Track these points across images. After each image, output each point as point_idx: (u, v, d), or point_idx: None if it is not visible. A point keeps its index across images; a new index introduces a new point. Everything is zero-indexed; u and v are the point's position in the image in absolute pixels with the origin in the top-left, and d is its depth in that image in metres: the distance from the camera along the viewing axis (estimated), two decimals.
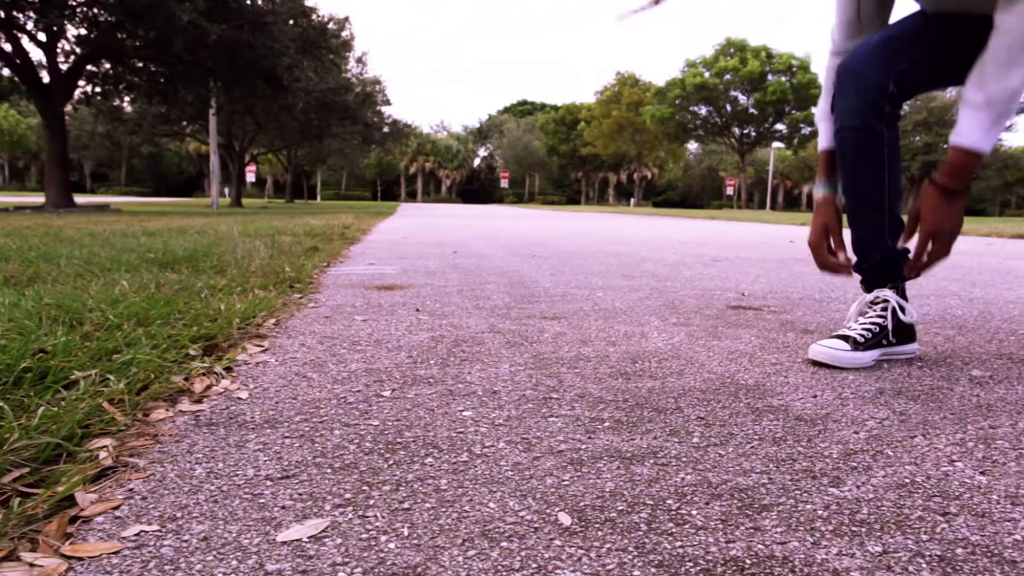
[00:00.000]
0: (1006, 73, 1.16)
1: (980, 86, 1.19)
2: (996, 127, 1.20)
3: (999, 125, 1.20)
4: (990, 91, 1.18)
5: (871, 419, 1.03)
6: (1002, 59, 1.16)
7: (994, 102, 1.18)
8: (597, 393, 1.15)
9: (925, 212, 1.28)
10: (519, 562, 0.61)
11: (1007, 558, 0.62)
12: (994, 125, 1.20)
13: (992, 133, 1.20)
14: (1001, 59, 1.16)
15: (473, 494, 0.75)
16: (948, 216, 1.27)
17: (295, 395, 1.13)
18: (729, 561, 0.61)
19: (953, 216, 1.27)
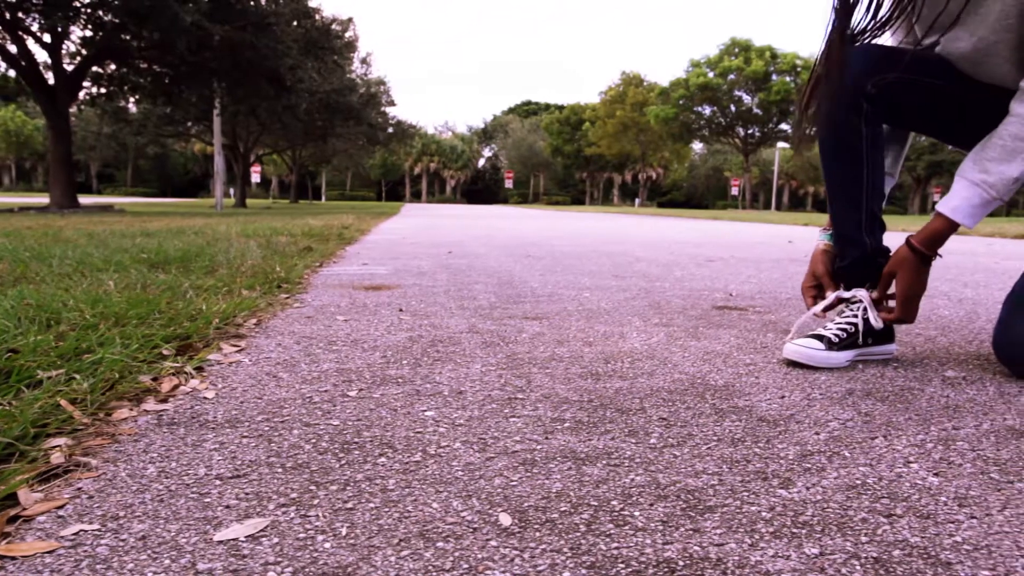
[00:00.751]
0: (1009, 160, 1.18)
1: (981, 166, 1.22)
2: (986, 207, 1.23)
3: (989, 206, 1.23)
4: (989, 173, 1.21)
5: (834, 420, 1.02)
6: (1008, 146, 1.18)
7: (991, 185, 1.21)
8: (563, 393, 1.15)
9: (904, 276, 1.33)
10: (451, 563, 0.61)
11: (942, 560, 0.62)
12: (985, 205, 1.23)
13: (980, 212, 1.24)
14: (1007, 146, 1.18)
15: (419, 494, 0.75)
16: (920, 283, 1.32)
17: (261, 395, 1.13)
18: (661, 563, 0.61)
19: (925, 281, 1.33)
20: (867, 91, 1.29)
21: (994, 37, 1.21)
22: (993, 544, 0.65)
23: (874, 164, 1.35)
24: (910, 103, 1.32)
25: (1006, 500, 0.75)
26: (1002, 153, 1.19)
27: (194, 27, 11.71)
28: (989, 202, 1.22)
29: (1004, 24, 1.19)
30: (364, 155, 43.22)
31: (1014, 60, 1.23)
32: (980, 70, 1.28)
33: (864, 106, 1.30)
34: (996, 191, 1.20)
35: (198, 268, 2.80)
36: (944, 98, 1.34)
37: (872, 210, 1.37)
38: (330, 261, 3.58)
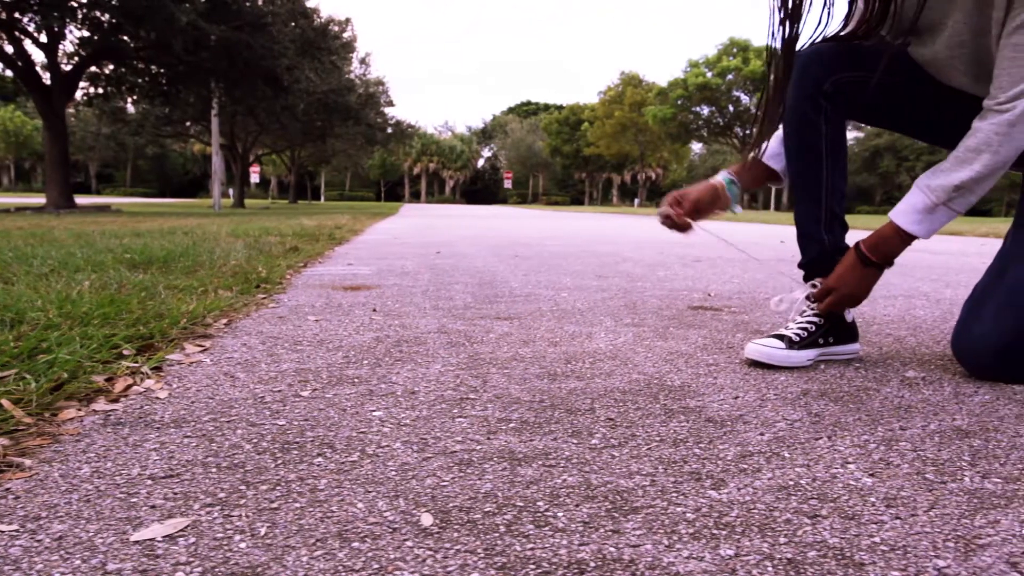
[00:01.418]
0: (956, 169, 1.18)
1: (932, 173, 1.22)
2: (933, 216, 1.22)
3: (936, 216, 1.22)
4: (934, 179, 1.21)
5: (782, 421, 1.02)
6: (960, 156, 1.18)
7: (932, 189, 1.21)
8: (516, 394, 1.14)
9: (838, 268, 1.34)
10: (362, 563, 0.61)
11: (856, 561, 0.61)
12: (930, 214, 1.22)
13: (927, 221, 1.22)
14: (959, 156, 1.18)
15: (347, 494, 0.75)
16: (855, 282, 1.32)
17: (214, 395, 1.13)
18: (572, 564, 0.61)
19: (861, 284, 1.32)
20: (825, 89, 1.29)
21: (948, 52, 1.22)
22: (911, 545, 0.64)
23: (835, 162, 1.35)
24: (870, 101, 1.32)
25: (935, 500, 0.74)
26: (953, 163, 1.19)
27: (190, 27, 11.72)
28: (931, 208, 1.21)
29: (957, 41, 1.19)
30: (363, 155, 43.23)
31: (971, 74, 1.23)
32: (942, 77, 1.28)
33: (823, 104, 1.30)
34: (936, 196, 1.20)
35: (180, 268, 2.80)
36: (905, 95, 1.34)
37: (832, 208, 1.36)
38: (315, 261, 3.57)
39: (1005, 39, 1.10)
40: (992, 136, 1.13)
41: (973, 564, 0.61)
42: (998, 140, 1.13)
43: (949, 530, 0.68)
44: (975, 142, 1.16)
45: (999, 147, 1.13)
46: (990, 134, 1.13)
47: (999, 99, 1.12)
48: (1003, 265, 1.25)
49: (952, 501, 0.74)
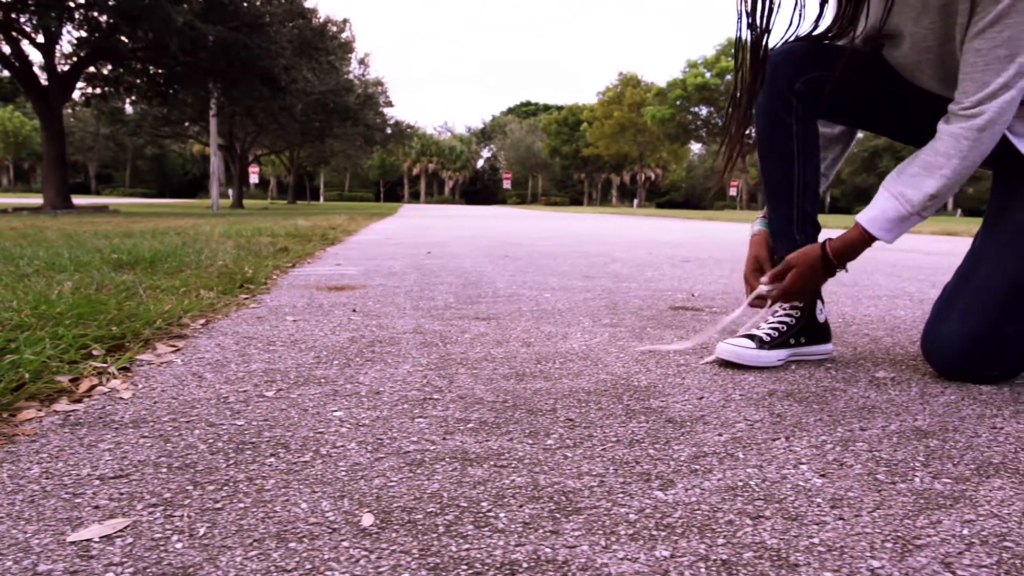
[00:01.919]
0: (929, 175, 1.17)
1: (903, 179, 1.20)
2: (903, 223, 1.21)
3: (907, 222, 1.21)
4: (908, 187, 1.19)
5: (743, 421, 1.02)
6: (930, 161, 1.17)
7: (907, 199, 1.19)
8: (480, 394, 1.14)
9: (798, 267, 1.30)
10: (295, 563, 0.61)
11: (791, 562, 0.61)
12: (902, 221, 1.21)
13: (896, 227, 1.21)
14: (929, 161, 1.17)
15: (293, 494, 0.75)
16: (811, 281, 1.31)
17: (178, 395, 1.13)
18: (505, 564, 0.60)
19: (814, 283, 1.32)
20: (796, 88, 1.28)
21: (916, 56, 1.22)
22: (848, 545, 0.64)
23: (806, 162, 1.34)
24: (841, 100, 1.31)
25: (881, 501, 0.74)
26: (923, 168, 1.18)
27: (187, 27, 11.72)
28: (905, 217, 1.20)
29: (924, 46, 1.19)
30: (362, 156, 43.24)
31: (938, 77, 1.23)
32: (913, 79, 1.28)
33: (794, 103, 1.30)
34: (912, 206, 1.18)
35: (166, 269, 2.80)
36: (878, 95, 1.33)
37: (804, 208, 1.36)
38: (304, 261, 3.57)
39: (968, 43, 1.10)
40: (961, 141, 1.13)
41: (907, 565, 0.61)
42: (967, 145, 1.12)
43: (890, 531, 0.67)
44: (944, 147, 1.15)
45: (968, 152, 1.13)
46: (960, 139, 1.13)
47: (964, 104, 1.12)
48: (971, 266, 1.25)
49: (898, 502, 0.74)
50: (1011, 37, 1.05)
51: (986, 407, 1.11)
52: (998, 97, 1.08)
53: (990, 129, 1.11)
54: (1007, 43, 1.06)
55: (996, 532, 0.68)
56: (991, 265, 1.20)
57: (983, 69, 1.08)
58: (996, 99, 1.09)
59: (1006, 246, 1.19)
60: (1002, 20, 1.05)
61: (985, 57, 1.08)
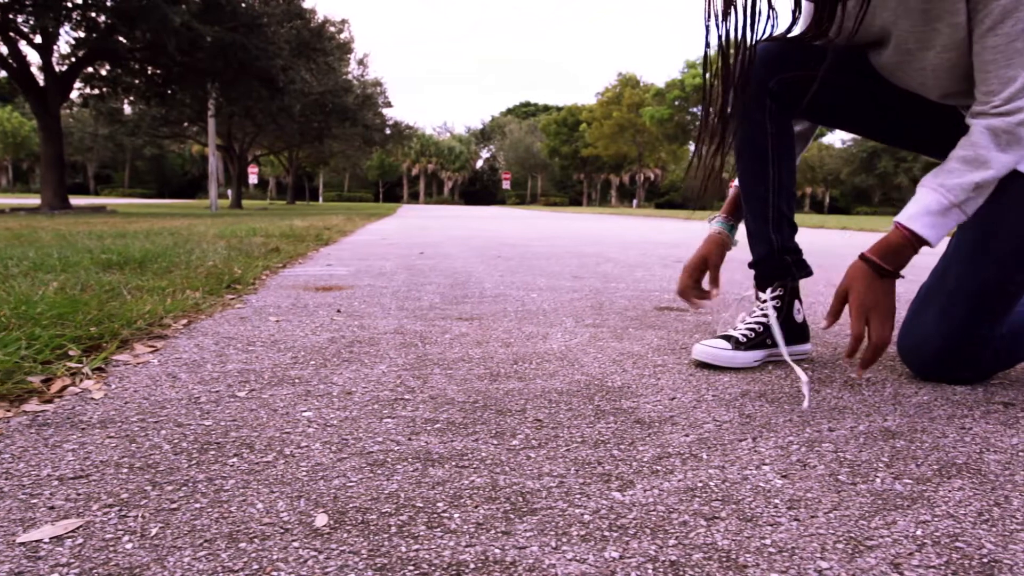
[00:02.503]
0: (971, 170, 1.11)
1: (939, 175, 1.14)
2: (946, 217, 1.13)
3: (949, 216, 1.13)
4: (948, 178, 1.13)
5: (712, 422, 1.01)
6: (967, 157, 1.12)
7: (948, 188, 1.12)
8: (453, 395, 1.14)
9: (856, 287, 1.17)
10: (243, 563, 0.61)
11: (739, 563, 0.61)
12: (944, 213, 1.12)
13: (940, 222, 1.13)
14: (966, 157, 1.12)
15: (251, 495, 0.75)
16: (882, 294, 1.16)
17: (149, 395, 1.13)
18: (452, 565, 0.60)
19: (887, 295, 1.16)
20: (770, 88, 1.28)
21: (897, 59, 1.21)
22: (800, 546, 0.64)
23: (781, 161, 1.34)
24: (816, 100, 1.31)
25: (839, 501, 0.74)
26: (962, 163, 1.13)
27: (184, 28, 11.72)
28: (948, 209, 1.12)
29: (904, 48, 1.18)
30: (361, 156, 43.24)
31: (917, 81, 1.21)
32: (895, 81, 1.27)
33: (768, 103, 1.29)
34: (953, 195, 1.12)
35: (155, 269, 2.79)
36: (859, 95, 1.33)
37: (780, 207, 1.36)
38: (295, 262, 3.57)
39: (979, 43, 1.07)
40: (1000, 135, 1.08)
41: (856, 565, 0.61)
42: (1007, 139, 1.07)
43: (844, 532, 0.67)
44: (983, 140, 1.10)
45: (1007, 147, 1.08)
46: (998, 132, 1.09)
47: (994, 103, 1.08)
48: (945, 266, 1.24)
49: (856, 502, 0.74)
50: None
51: (957, 407, 1.11)
52: None
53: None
54: (1022, 35, 1.04)
55: (949, 533, 0.67)
56: (965, 265, 1.20)
57: (1005, 65, 1.06)
58: None
59: (980, 247, 1.19)
60: (1012, 14, 1.03)
61: (1004, 52, 1.05)
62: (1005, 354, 1.23)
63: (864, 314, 1.15)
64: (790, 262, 1.39)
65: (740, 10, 1.16)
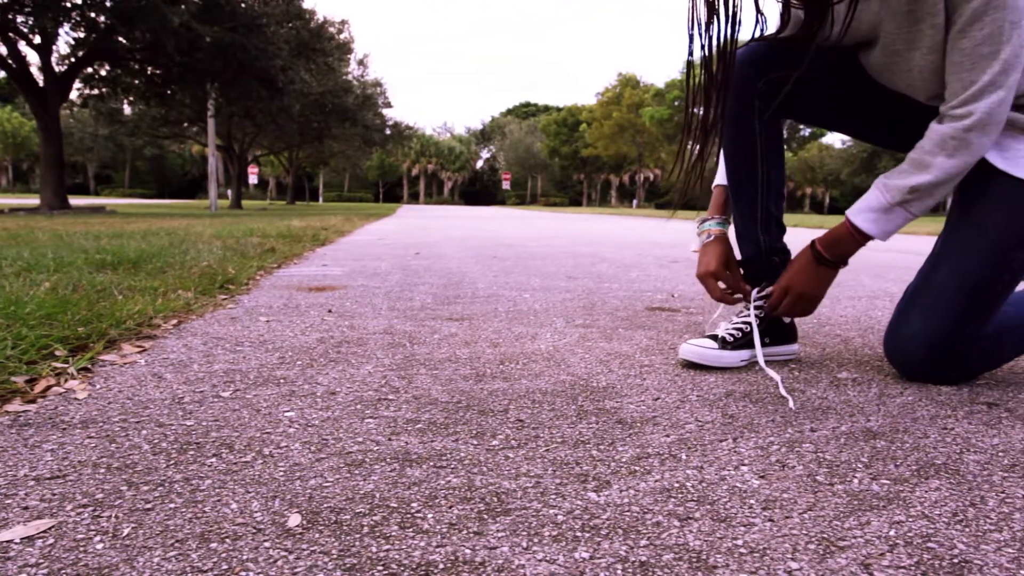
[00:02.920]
0: (913, 171, 1.16)
1: (889, 174, 1.20)
2: (888, 217, 1.19)
3: (892, 217, 1.19)
4: (891, 179, 1.18)
5: (694, 422, 1.01)
6: (915, 159, 1.16)
7: (888, 188, 1.18)
8: (436, 395, 1.14)
9: (791, 267, 1.31)
10: (212, 563, 0.61)
11: (709, 563, 0.61)
12: (886, 214, 1.19)
13: (882, 221, 1.19)
14: (915, 159, 1.16)
15: (226, 495, 0.75)
16: (808, 280, 1.29)
17: (133, 395, 1.13)
18: (421, 566, 0.60)
19: (814, 282, 1.29)
20: (759, 88, 1.28)
21: (885, 60, 1.21)
22: (772, 547, 0.64)
23: (770, 162, 1.34)
24: (802, 100, 1.31)
25: (814, 502, 0.74)
26: (910, 164, 1.17)
27: (183, 28, 11.73)
28: (887, 208, 1.18)
29: (892, 50, 1.18)
30: (361, 157, 43.24)
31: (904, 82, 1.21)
32: (884, 82, 1.27)
33: (756, 103, 1.29)
34: (891, 196, 1.17)
35: (149, 269, 2.79)
36: (841, 95, 1.33)
37: (768, 208, 1.36)
38: (291, 262, 3.57)
39: (951, 44, 1.08)
40: (948, 140, 1.11)
41: (826, 566, 0.61)
42: (953, 145, 1.11)
43: (817, 532, 0.67)
44: (931, 145, 1.14)
45: (954, 152, 1.11)
46: (946, 138, 1.11)
47: (952, 104, 1.10)
48: (932, 266, 1.24)
49: (832, 503, 0.74)
50: (991, 34, 1.04)
51: (941, 408, 1.11)
52: (986, 96, 1.07)
53: (979, 130, 1.09)
54: (988, 40, 1.04)
55: (922, 533, 0.67)
56: (951, 265, 1.20)
57: (969, 68, 1.07)
58: (984, 98, 1.07)
59: (966, 246, 1.19)
60: (980, 19, 1.04)
61: (970, 56, 1.06)
62: (991, 354, 1.23)
63: (784, 291, 1.32)
64: (778, 263, 1.38)
65: (723, 18, 1.15)
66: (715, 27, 1.11)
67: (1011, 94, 1.07)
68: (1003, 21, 1.02)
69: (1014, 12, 1.01)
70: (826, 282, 1.31)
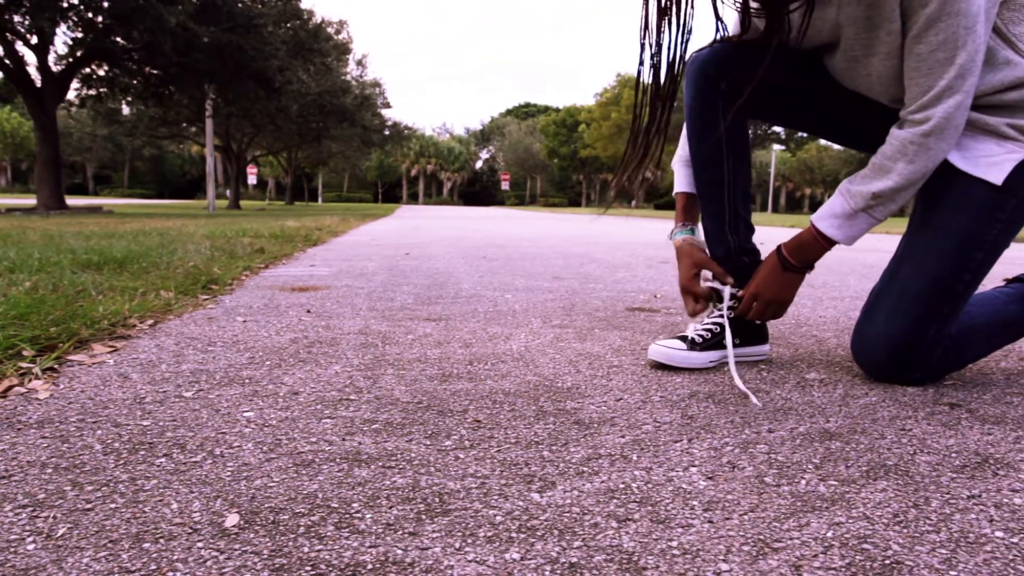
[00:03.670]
0: (875, 176, 1.16)
1: (852, 179, 1.21)
2: (853, 223, 1.20)
3: (856, 222, 1.20)
4: (853, 184, 1.19)
5: (652, 423, 1.01)
6: (877, 163, 1.17)
7: (852, 195, 1.19)
8: (399, 395, 1.14)
9: (758, 274, 1.33)
10: (141, 564, 0.60)
11: (639, 565, 0.61)
12: (850, 220, 1.20)
13: (847, 227, 1.20)
14: (877, 163, 1.17)
15: (168, 495, 0.75)
16: (775, 285, 1.30)
17: (96, 395, 1.12)
18: (349, 566, 0.60)
19: (781, 287, 1.30)
20: (721, 89, 1.28)
21: (845, 64, 1.21)
22: (705, 549, 0.64)
23: (736, 162, 1.34)
24: (766, 100, 1.31)
25: (758, 503, 0.74)
26: (872, 170, 1.17)
27: (180, 28, 11.73)
28: (851, 214, 1.18)
29: (851, 55, 1.18)
30: (360, 157, 43.24)
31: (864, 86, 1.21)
32: (846, 84, 1.27)
33: (720, 104, 1.29)
34: (855, 202, 1.18)
35: (134, 269, 2.79)
36: (806, 96, 1.33)
37: (736, 208, 1.36)
38: (279, 262, 3.57)
39: (908, 50, 1.09)
40: (907, 146, 1.11)
41: (757, 568, 0.61)
42: (913, 150, 1.11)
43: (754, 534, 0.67)
44: (891, 150, 1.14)
45: (914, 157, 1.11)
46: (906, 143, 1.12)
47: (911, 109, 1.11)
48: (895, 267, 1.24)
49: (775, 504, 0.74)
50: (946, 40, 1.04)
51: (903, 408, 1.11)
52: (943, 101, 1.07)
53: (938, 135, 1.09)
54: (943, 46, 1.05)
55: (859, 534, 0.67)
56: (913, 266, 1.20)
57: (926, 73, 1.08)
58: (941, 103, 1.07)
59: (928, 247, 1.19)
60: (935, 24, 1.04)
61: (926, 61, 1.07)
62: (955, 354, 1.23)
63: (752, 298, 1.32)
64: (748, 263, 1.38)
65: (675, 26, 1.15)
66: (666, 36, 1.11)
67: (968, 98, 1.07)
68: (957, 27, 1.02)
69: (967, 17, 1.01)
70: (793, 287, 1.31)
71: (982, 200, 1.13)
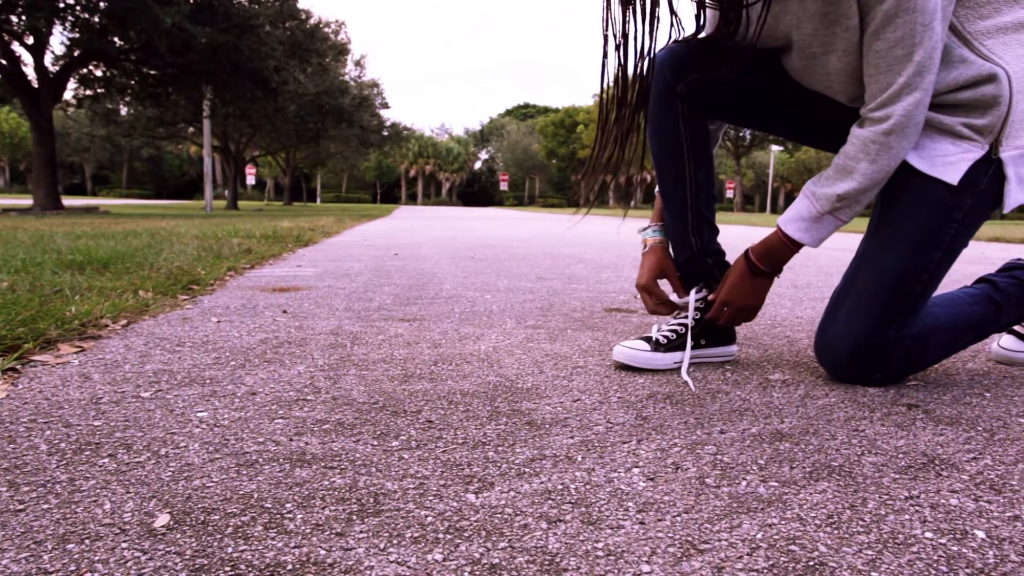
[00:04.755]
0: (840, 178, 1.16)
1: (817, 180, 1.21)
2: (819, 225, 1.20)
3: (823, 225, 1.19)
4: (818, 186, 1.19)
5: (604, 423, 1.01)
6: (841, 164, 1.16)
7: (817, 198, 1.18)
8: (356, 396, 1.14)
9: (726, 280, 1.33)
10: (61, 565, 0.60)
11: (560, 567, 0.61)
12: (816, 222, 1.20)
13: (814, 230, 1.20)
14: (840, 164, 1.16)
15: (104, 496, 0.74)
16: (745, 292, 1.31)
17: (53, 395, 1.12)
18: (268, 567, 0.60)
19: (751, 293, 1.31)
20: (678, 91, 1.28)
21: (803, 63, 1.20)
22: (630, 551, 0.64)
23: (697, 163, 1.34)
24: (724, 101, 1.31)
25: (693, 504, 0.74)
26: (835, 171, 1.17)
27: (176, 29, 11.72)
28: (817, 217, 1.18)
29: (808, 52, 1.18)
30: (358, 157, 43.23)
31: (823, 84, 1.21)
32: (805, 83, 1.27)
33: (678, 105, 1.29)
34: (820, 205, 1.17)
35: (117, 270, 2.79)
36: (765, 96, 1.32)
37: (699, 210, 1.36)
38: (266, 263, 3.57)
39: (867, 47, 1.09)
40: (869, 145, 1.11)
41: (679, 570, 0.60)
42: (875, 149, 1.11)
43: (683, 535, 0.67)
44: (853, 150, 1.14)
45: (876, 156, 1.11)
46: (867, 142, 1.11)
47: (870, 107, 1.11)
48: (855, 268, 1.24)
49: (711, 505, 0.74)
50: (903, 36, 1.04)
51: (860, 409, 1.10)
52: (902, 99, 1.07)
53: (899, 133, 1.09)
54: (901, 43, 1.05)
55: (789, 536, 0.67)
56: (871, 266, 1.20)
57: (885, 71, 1.08)
58: (901, 101, 1.08)
59: (886, 248, 1.18)
60: (892, 21, 1.04)
61: (885, 59, 1.07)
62: (916, 355, 1.22)
63: (722, 305, 1.33)
64: (711, 264, 1.38)
65: (639, 19, 1.15)
66: (631, 26, 1.11)
67: (927, 96, 1.07)
68: (915, 23, 1.02)
69: (924, 14, 1.01)
70: (763, 292, 1.31)
71: (938, 200, 1.13)
